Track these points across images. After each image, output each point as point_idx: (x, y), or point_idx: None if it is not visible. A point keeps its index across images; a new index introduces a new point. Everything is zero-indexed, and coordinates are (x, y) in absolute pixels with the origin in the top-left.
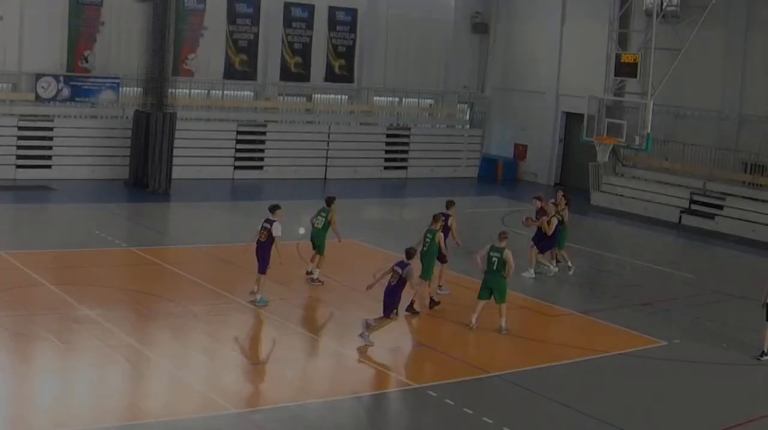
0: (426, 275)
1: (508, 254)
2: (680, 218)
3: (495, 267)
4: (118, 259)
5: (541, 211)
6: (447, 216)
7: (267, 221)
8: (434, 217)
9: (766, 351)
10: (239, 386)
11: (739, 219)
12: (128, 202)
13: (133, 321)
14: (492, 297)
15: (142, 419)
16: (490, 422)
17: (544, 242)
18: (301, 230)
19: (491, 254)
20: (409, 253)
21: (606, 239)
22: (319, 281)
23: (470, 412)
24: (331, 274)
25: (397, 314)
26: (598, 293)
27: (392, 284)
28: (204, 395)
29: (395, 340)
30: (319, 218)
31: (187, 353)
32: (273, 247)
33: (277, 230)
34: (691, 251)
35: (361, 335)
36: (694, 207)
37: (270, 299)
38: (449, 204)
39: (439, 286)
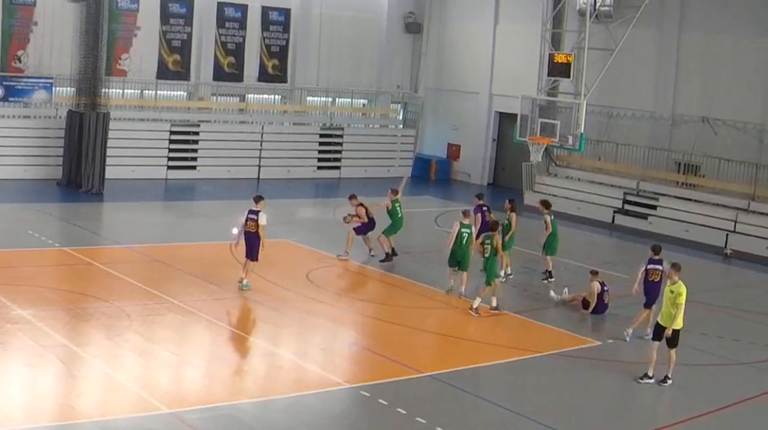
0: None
1: (474, 230)
2: (613, 218)
3: (464, 242)
4: (52, 259)
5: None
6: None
7: (252, 212)
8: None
9: (649, 374)
10: (172, 385)
11: (673, 219)
12: (61, 202)
13: (66, 321)
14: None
15: (76, 419)
16: (424, 422)
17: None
18: (234, 230)
19: (462, 230)
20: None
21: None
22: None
23: (403, 412)
24: (264, 274)
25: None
26: (531, 293)
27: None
28: (137, 395)
29: (328, 340)
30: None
31: (120, 352)
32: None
33: (262, 219)
34: (625, 251)
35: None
36: (627, 207)
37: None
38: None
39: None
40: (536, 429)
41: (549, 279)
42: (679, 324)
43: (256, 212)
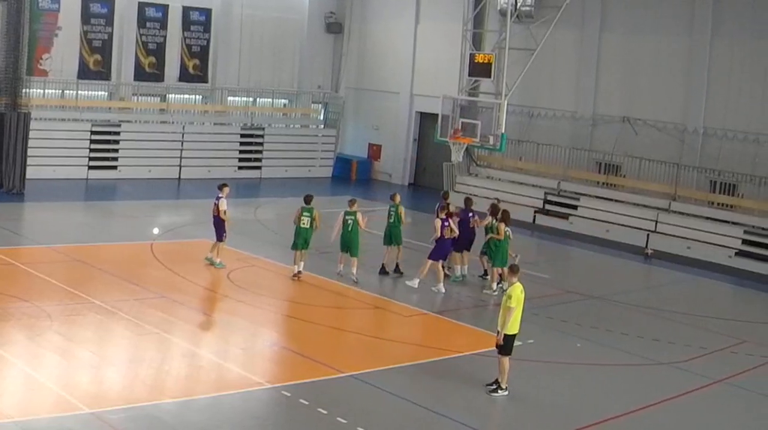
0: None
1: (359, 215)
2: (534, 217)
3: (350, 228)
4: None
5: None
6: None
7: (217, 197)
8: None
9: (503, 385)
10: (93, 385)
11: (594, 219)
12: None
13: None
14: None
15: None
16: (345, 422)
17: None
18: (155, 230)
19: (346, 217)
20: None
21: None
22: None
23: (324, 412)
24: (186, 274)
25: None
26: (452, 293)
27: None
28: (58, 395)
29: (249, 340)
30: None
31: (41, 352)
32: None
33: (223, 204)
34: (546, 251)
35: None
36: (548, 207)
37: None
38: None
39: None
40: (457, 428)
41: (484, 276)
42: (511, 329)
43: (219, 198)
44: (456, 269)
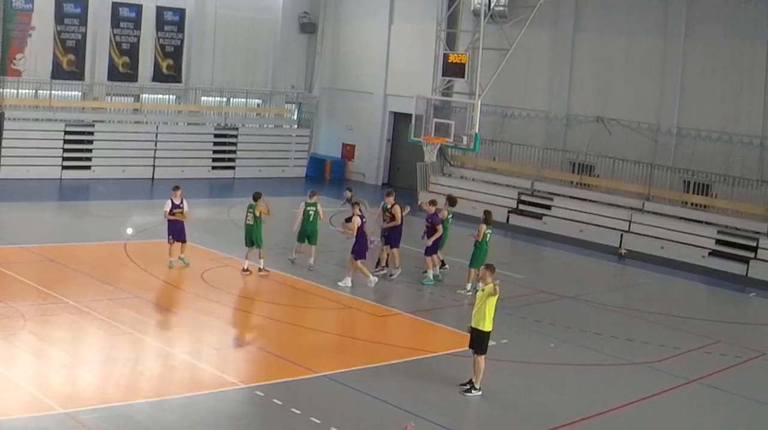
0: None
1: (319, 207)
2: (508, 217)
3: (311, 218)
4: None
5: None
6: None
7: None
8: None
9: (476, 385)
10: (67, 385)
11: (567, 219)
12: None
13: None
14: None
15: None
16: (318, 421)
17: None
18: (129, 230)
19: (307, 208)
20: None
21: None
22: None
23: (298, 412)
24: (158, 274)
25: None
26: (425, 293)
27: None
28: (32, 395)
29: (223, 340)
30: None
31: (15, 352)
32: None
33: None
34: (520, 251)
35: None
36: (522, 207)
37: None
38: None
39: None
40: (431, 429)
41: (443, 266)
42: (487, 326)
43: (172, 201)
44: (429, 272)
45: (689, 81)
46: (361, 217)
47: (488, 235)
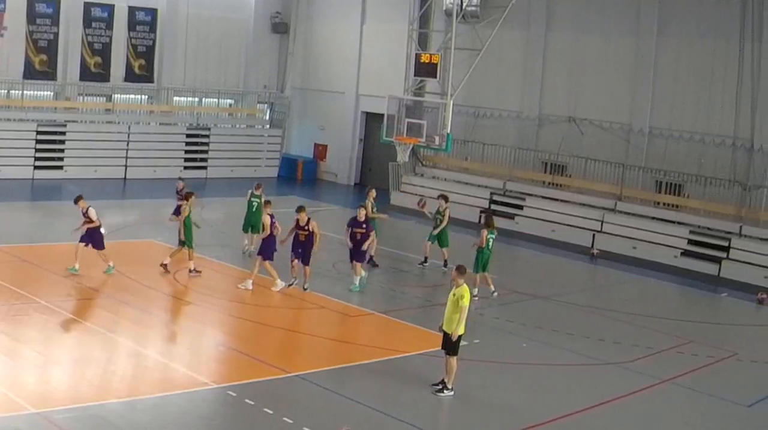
0: None
1: (263, 199)
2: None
3: (255, 209)
4: None
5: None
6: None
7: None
8: None
9: (449, 385)
10: (39, 385)
11: (539, 219)
12: None
13: None
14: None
15: None
16: (291, 422)
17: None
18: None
19: (252, 200)
20: None
21: (405, 239)
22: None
23: (270, 412)
24: (130, 274)
25: None
26: (398, 293)
27: None
28: (4, 395)
29: (195, 340)
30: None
31: None
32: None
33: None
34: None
35: None
36: (494, 207)
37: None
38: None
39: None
40: (404, 429)
41: (424, 264)
42: (461, 330)
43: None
44: (355, 279)
45: (661, 81)
46: (271, 216)
47: (491, 240)
